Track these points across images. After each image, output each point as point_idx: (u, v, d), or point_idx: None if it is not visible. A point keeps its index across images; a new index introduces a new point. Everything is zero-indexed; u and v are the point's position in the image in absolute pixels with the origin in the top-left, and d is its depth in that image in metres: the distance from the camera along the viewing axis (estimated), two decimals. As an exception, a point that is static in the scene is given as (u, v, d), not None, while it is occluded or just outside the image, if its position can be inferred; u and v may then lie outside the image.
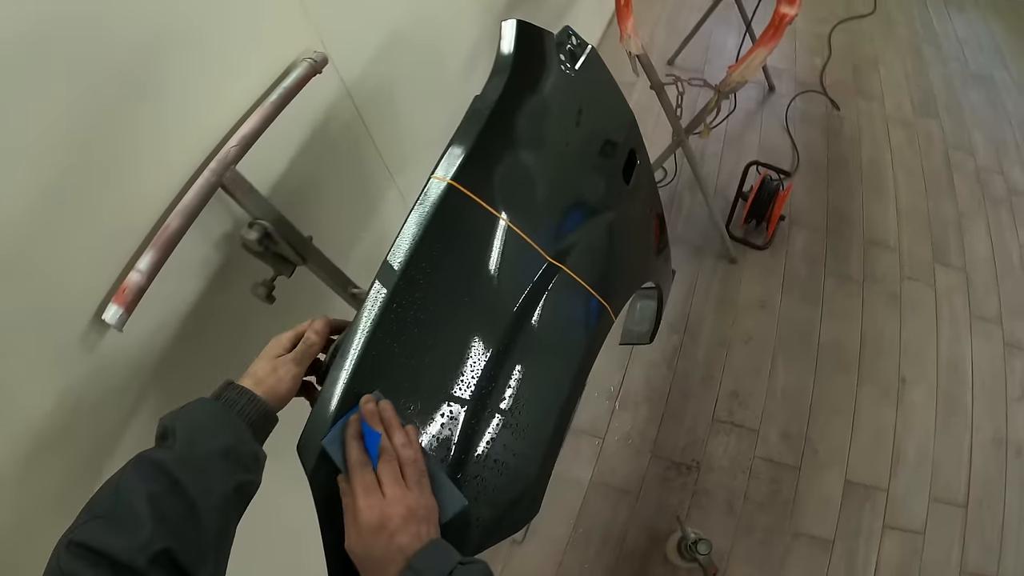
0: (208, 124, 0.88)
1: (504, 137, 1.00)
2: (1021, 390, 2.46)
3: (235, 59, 0.89)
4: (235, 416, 0.73)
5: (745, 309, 2.51)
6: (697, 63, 3.32)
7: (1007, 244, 2.84)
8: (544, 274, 0.99)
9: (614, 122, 1.25)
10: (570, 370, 1.01)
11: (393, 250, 0.84)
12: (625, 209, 1.22)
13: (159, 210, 0.83)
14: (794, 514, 2.12)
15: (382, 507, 0.68)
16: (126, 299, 0.77)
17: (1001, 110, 3.39)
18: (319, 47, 1.03)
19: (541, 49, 1.10)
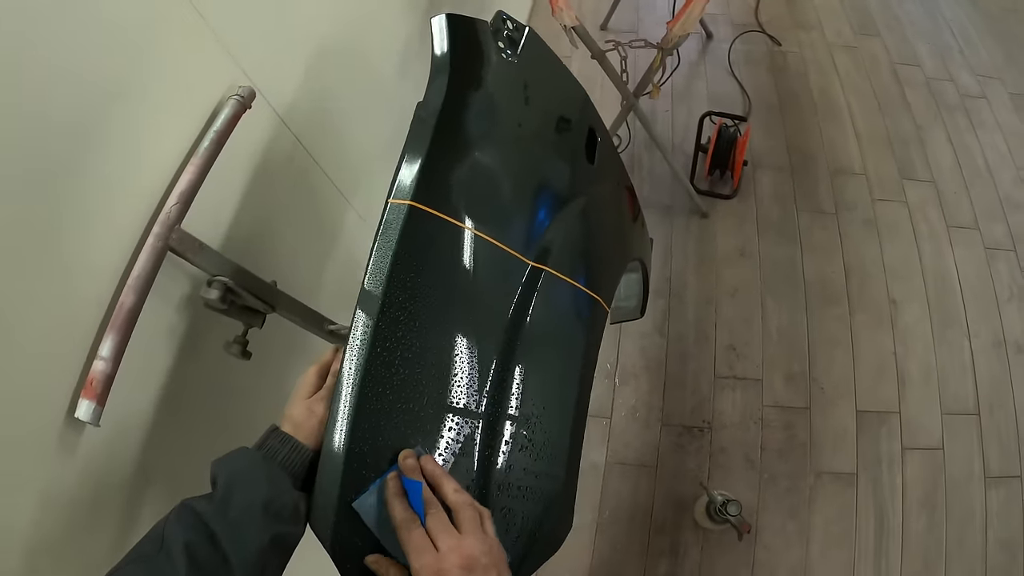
0: (142, 187, 0.82)
1: (456, 142, 0.93)
2: (1010, 290, 2.47)
3: (157, 113, 0.83)
4: (276, 467, 0.70)
5: (725, 261, 2.49)
6: (630, 24, 3.27)
7: (969, 148, 2.84)
8: (529, 279, 0.93)
9: (566, 102, 1.19)
10: (575, 375, 0.97)
11: (363, 293, 0.77)
12: (595, 191, 1.17)
13: (110, 287, 0.78)
14: (813, 455, 2.11)
15: (437, 563, 0.64)
16: (96, 391, 0.73)
17: (940, 18, 3.39)
18: (243, 81, 0.98)
19: (477, 40, 1.04)
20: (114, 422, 0.78)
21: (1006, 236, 2.61)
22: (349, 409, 0.72)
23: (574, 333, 1.01)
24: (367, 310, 0.76)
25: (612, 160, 1.29)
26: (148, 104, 0.80)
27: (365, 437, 0.72)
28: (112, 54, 0.73)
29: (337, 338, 1.16)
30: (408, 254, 0.80)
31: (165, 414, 0.91)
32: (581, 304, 1.03)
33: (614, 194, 1.29)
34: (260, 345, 0.99)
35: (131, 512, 0.88)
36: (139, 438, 0.87)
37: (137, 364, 0.80)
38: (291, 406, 0.79)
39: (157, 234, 0.80)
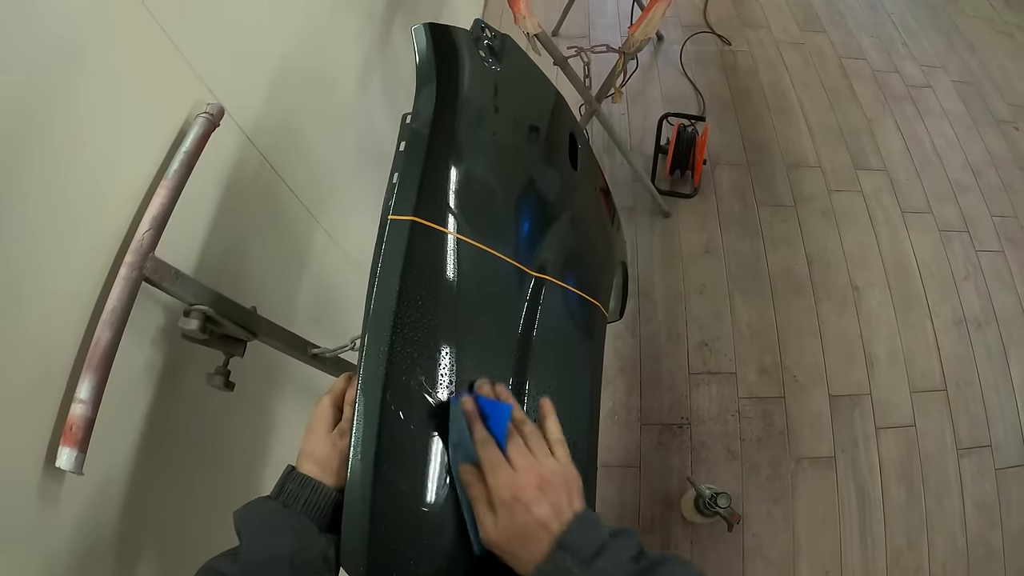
0: (111, 214, 0.78)
1: (451, 153, 0.88)
2: (965, 269, 2.55)
3: (124, 134, 0.80)
4: (298, 515, 0.67)
5: (691, 259, 2.53)
6: (581, 28, 3.32)
7: (918, 135, 2.94)
8: (534, 290, 0.91)
9: (548, 109, 1.17)
10: (586, 382, 0.97)
11: (373, 315, 0.72)
12: (580, 197, 1.16)
13: (82, 322, 0.74)
14: (792, 441, 2.15)
15: (512, 479, 0.64)
16: (76, 437, 0.68)
17: (882, 11, 3.50)
18: (209, 98, 0.95)
19: (458, 49, 1.00)
20: (98, 468, 0.75)
21: (958, 218, 2.69)
22: (370, 441, 0.67)
23: (580, 341, 0.99)
24: (379, 333, 0.71)
25: (591, 164, 1.29)
26: (114, 125, 0.78)
27: (390, 469, 0.67)
28: (72, 74, 0.69)
29: (322, 362, 1.14)
30: (414, 271, 0.76)
31: (152, 455, 0.87)
32: (584, 311, 1.02)
33: (596, 199, 1.29)
34: (243, 374, 0.97)
35: (126, 563, 0.84)
36: (126, 483, 0.84)
37: (117, 404, 0.76)
38: (310, 442, 0.75)
39: (130, 263, 0.76)
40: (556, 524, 0.62)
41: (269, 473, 1.22)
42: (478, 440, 0.67)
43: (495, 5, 3.31)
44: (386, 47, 1.79)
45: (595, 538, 0.62)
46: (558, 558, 0.60)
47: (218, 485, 1.08)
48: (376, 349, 0.70)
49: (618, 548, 0.61)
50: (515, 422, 0.71)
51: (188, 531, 0.99)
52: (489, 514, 0.64)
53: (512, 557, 0.63)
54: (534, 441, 0.69)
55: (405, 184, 0.80)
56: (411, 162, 0.82)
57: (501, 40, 1.08)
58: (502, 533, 0.63)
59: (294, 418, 1.31)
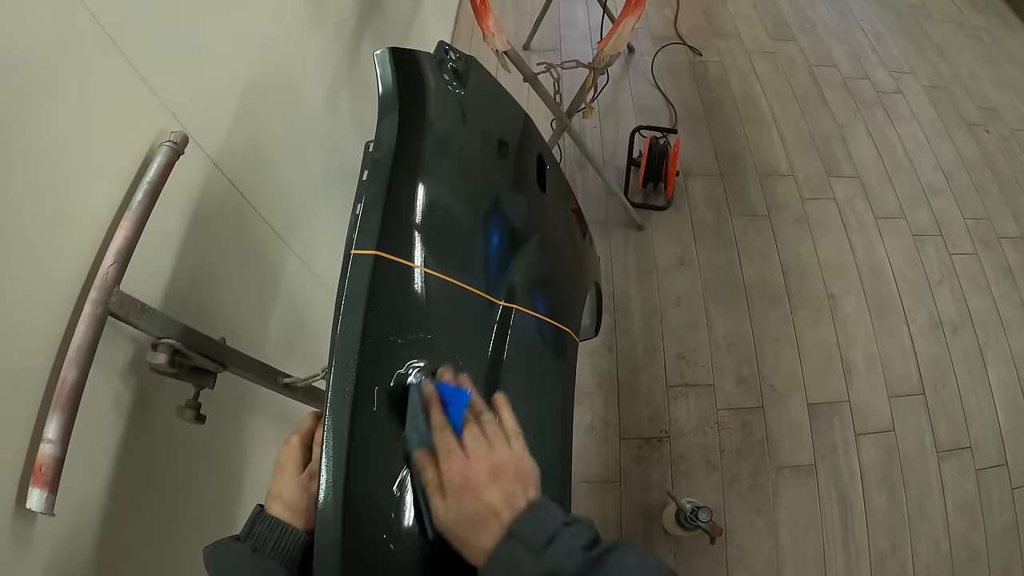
0: (74, 248, 0.77)
1: (415, 183, 0.86)
2: (940, 273, 2.57)
3: (85, 165, 0.78)
4: (267, 559, 0.66)
5: (666, 271, 2.53)
6: (552, 42, 3.33)
7: (890, 140, 2.96)
8: (501, 320, 0.90)
9: (514, 131, 1.16)
10: (557, 408, 0.96)
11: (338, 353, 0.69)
12: (549, 220, 1.15)
13: (48, 360, 0.73)
14: (771, 451, 2.15)
15: (464, 465, 0.64)
16: (46, 477, 0.67)
17: (851, 18, 3.54)
18: (174, 125, 0.94)
19: (422, 73, 0.98)
20: (70, 508, 0.74)
21: (931, 221, 2.71)
22: (339, 485, 0.64)
23: (550, 367, 0.99)
24: (343, 373, 0.69)
25: (560, 185, 1.28)
26: (77, 157, 0.76)
27: (361, 514, 0.65)
28: (34, 103, 0.68)
29: (294, 391, 1.12)
30: (378, 308, 0.74)
31: (125, 491, 0.87)
32: (553, 337, 1.01)
33: (566, 220, 1.28)
34: (214, 406, 0.96)
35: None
36: (100, 520, 0.83)
37: (86, 442, 0.75)
38: (278, 483, 0.73)
39: (95, 299, 0.75)
40: (507, 512, 0.61)
41: (246, 502, 1.21)
42: (434, 425, 0.68)
43: (465, 22, 3.32)
44: (355, 65, 1.79)
45: (547, 526, 0.61)
46: (509, 546, 0.59)
47: (195, 517, 1.07)
48: (342, 389, 0.68)
49: (571, 536, 0.60)
50: (473, 411, 0.71)
51: (167, 565, 0.98)
52: (441, 500, 0.64)
53: (463, 544, 0.63)
54: (491, 429, 0.69)
55: (368, 217, 0.78)
56: (373, 193, 0.80)
57: (466, 62, 1.07)
58: (452, 519, 0.63)
59: (269, 447, 1.27)
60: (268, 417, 1.33)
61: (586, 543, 0.60)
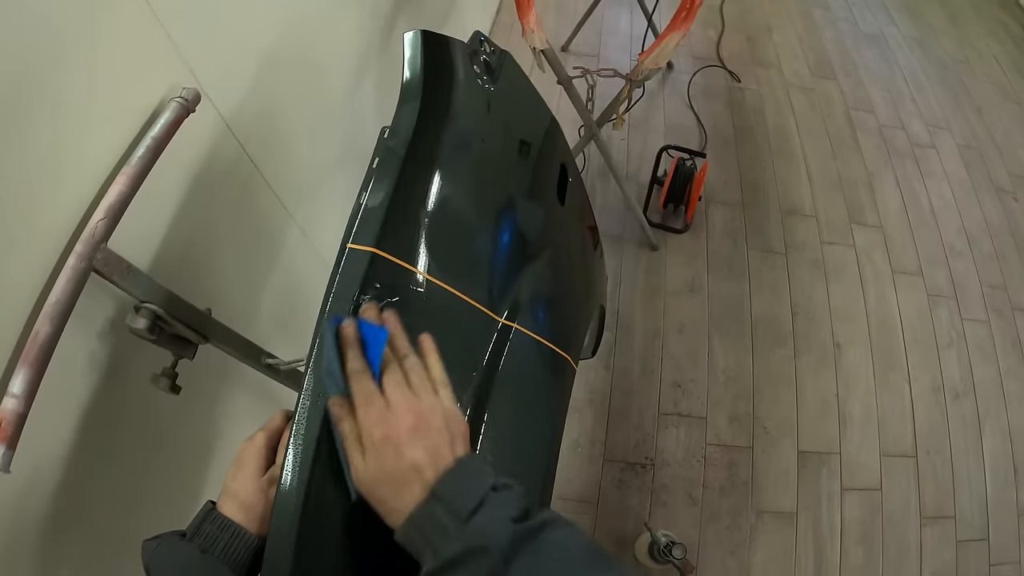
0: (64, 198, 0.72)
1: (426, 180, 0.81)
2: (949, 336, 2.52)
3: (87, 110, 0.73)
4: (215, 562, 0.62)
5: (674, 295, 2.49)
6: (591, 47, 3.28)
7: (917, 195, 2.91)
8: (499, 337, 0.84)
9: (540, 136, 1.09)
10: (548, 438, 0.91)
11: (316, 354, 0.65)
12: (564, 236, 1.09)
13: (23, 312, 0.69)
14: (755, 493, 2.11)
15: (384, 416, 0.58)
16: (6, 433, 0.63)
17: (894, 65, 3.48)
18: (189, 80, 0.89)
19: (452, 62, 0.93)
20: (27, 466, 0.71)
21: (948, 283, 2.66)
22: (299, 498, 0.60)
23: (544, 393, 0.93)
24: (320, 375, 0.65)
25: (580, 199, 1.22)
26: (77, 98, 0.71)
27: (316, 530, 0.61)
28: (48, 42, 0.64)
29: (276, 372, 1.08)
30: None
31: (85, 455, 0.82)
32: (551, 363, 0.95)
33: (581, 237, 1.22)
34: (191, 378, 0.92)
35: (48, 566, 0.80)
36: (56, 483, 0.79)
37: (53, 399, 0.71)
38: (237, 481, 0.68)
39: (80, 253, 0.70)
40: (431, 471, 0.56)
41: (210, 481, 1.17)
42: (350, 370, 0.61)
43: (506, 14, 3.27)
44: (386, 46, 1.74)
45: (475, 489, 0.55)
46: (431, 509, 0.54)
47: (154, 489, 1.03)
48: (316, 394, 0.63)
49: (501, 503, 0.55)
50: (395, 351, 0.64)
51: (120, 532, 0.94)
52: (358, 453, 0.58)
53: (382, 505, 0.57)
54: (416, 375, 0.62)
55: (371, 209, 0.73)
56: (381, 184, 0.75)
57: (499, 56, 1.02)
58: (371, 476, 0.57)
59: (243, 428, 1.23)
60: (247, 395, 1.29)
61: (516, 514, 0.55)
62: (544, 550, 0.53)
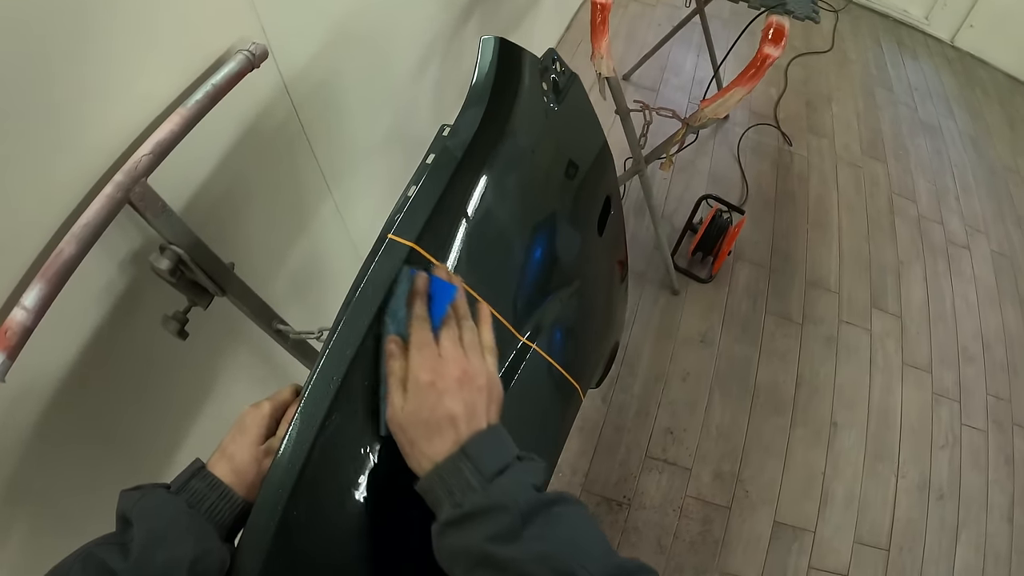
0: (115, 124, 0.73)
1: (475, 187, 0.81)
2: (946, 438, 2.52)
3: (157, 43, 0.74)
4: (201, 518, 0.62)
5: (684, 343, 2.50)
6: (652, 81, 3.30)
7: (942, 293, 2.90)
8: (517, 355, 0.85)
9: (592, 165, 1.09)
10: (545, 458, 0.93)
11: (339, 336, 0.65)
12: (595, 268, 1.10)
13: (49, 229, 0.69)
14: (723, 554, 2.10)
15: (435, 363, 0.62)
16: (9, 342, 0.63)
17: (945, 159, 3.47)
18: (259, 36, 0.90)
19: (522, 75, 0.92)
20: (21, 380, 0.71)
21: (955, 385, 2.66)
22: (291, 474, 0.61)
23: (548, 420, 0.95)
24: (337, 359, 0.65)
25: (617, 232, 1.23)
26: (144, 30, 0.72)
27: (303, 508, 0.62)
28: None
29: (284, 339, 1.09)
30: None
31: (79, 382, 0.83)
32: (561, 391, 0.96)
33: (611, 271, 1.23)
34: (199, 326, 0.93)
35: (21, 480, 0.80)
36: (46, 402, 0.79)
37: (60, 319, 0.71)
38: (234, 444, 0.69)
39: (119, 183, 0.70)
40: (465, 426, 0.60)
41: (194, 432, 1.18)
42: (415, 315, 0.65)
43: (575, 33, 3.29)
44: (453, 42, 1.76)
45: (502, 454, 0.59)
46: (458, 463, 0.57)
47: (139, 429, 1.03)
48: (329, 377, 0.64)
49: (523, 471, 0.59)
50: (456, 311, 0.68)
51: (98, 467, 0.95)
52: (400, 392, 0.62)
53: (410, 446, 0.60)
54: (469, 336, 0.67)
55: (417, 205, 0.74)
56: (432, 182, 0.76)
57: (568, 78, 1.02)
58: (408, 416, 0.61)
59: (238, 386, 1.27)
60: (248, 357, 1.30)
61: (537, 483, 0.58)
62: (557, 519, 0.56)
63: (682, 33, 3.06)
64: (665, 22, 3.51)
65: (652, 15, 3.59)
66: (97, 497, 0.91)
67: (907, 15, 4.18)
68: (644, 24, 3.53)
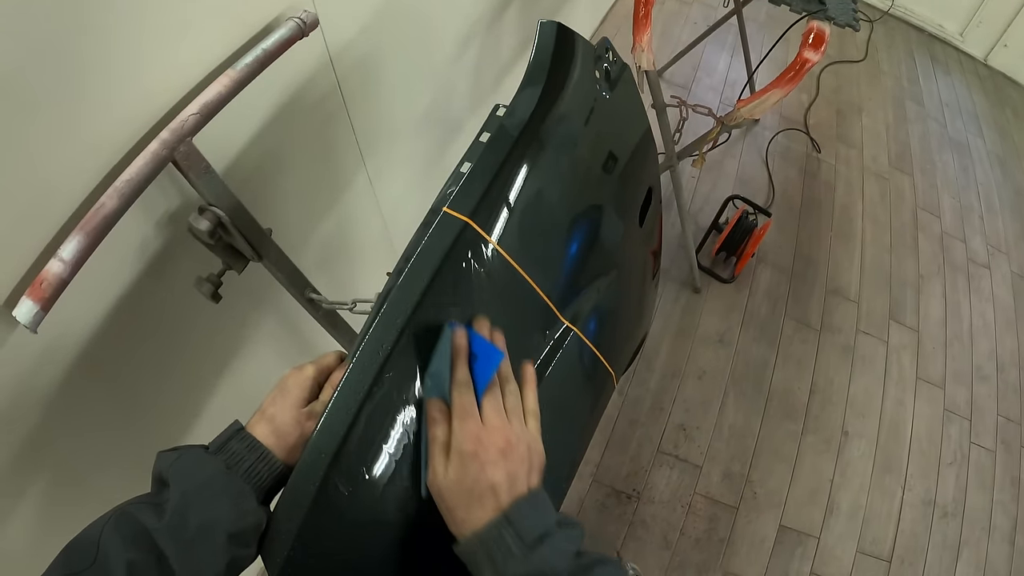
0: (164, 82, 0.73)
1: (530, 167, 0.81)
2: (954, 455, 2.52)
3: (210, 4, 0.75)
4: (239, 480, 0.61)
5: (702, 342, 2.50)
6: (685, 79, 3.29)
7: (960, 311, 2.90)
8: (558, 339, 0.86)
9: (639, 156, 1.09)
10: (574, 448, 0.93)
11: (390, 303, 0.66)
12: (633, 257, 1.11)
13: (91, 183, 0.69)
14: (727, 553, 2.12)
15: (478, 433, 0.61)
16: (44, 293, 0.63)
17: (972, 177, 3.46)
18: (309, 6, 0.90)
19: (575, 61, 0.92)
20: (53, 332, 0.71)
21: (966, 404, 2.66)
22: (335, 438, 0.61)
23: (583, 405, 0.95)
24: (388, 326, 0.65)
25: (655, 225, 1.24)
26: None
27: (345, 474, 0.62)
28: None
29: (315, 308, 1.09)
30: (448, 274, 0.70)
31: (110, 338, 0.83)
32: (597, 376, 0.96)
33: (646, 262, 1.23)
34: (232, 291, 0.93)
35: (42, 441, 0.80)
36: (72, 361, 0.79)
37: (95, 274, 0.71)
38: (275, 405, 0.68)
39: (165, 140, 0.71)
40: (507, 495, 0.60)
41: (218, 395, 1.19)
42: (457, 380, 0.64)
43: (611, 24, 3.28)
44: (494, 26, 1.76)
45: (543, 521, 0.59)
46: (501, 529, 0.58)
47: (165, 391, 1.04)
48: (378, 344, 0.65)
49: (564, 539, 0.59)
50: (500, 376, 0.68)
51: (120, 431, 0.96)
52: (442, 459, 0.62)
53: (451, 512, 0.61)
54: (512, 402, 0.66)
55: (473, 180, 0.74)
56: (488, 160, 0.76)
57: (620, 68, 1.03)
58: (450, 483, 0.60)
59: (264, 352, 1.27)
60: (276, 326, 1.31)
61: (576, 550, 0.59)
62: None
63: (717, 34, 3.06)
64: (701, 21, 3.49)
65: (688, 13, 3.57)
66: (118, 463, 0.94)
67: (942, 30, 4.15)
68: (679, 22, 3.51)
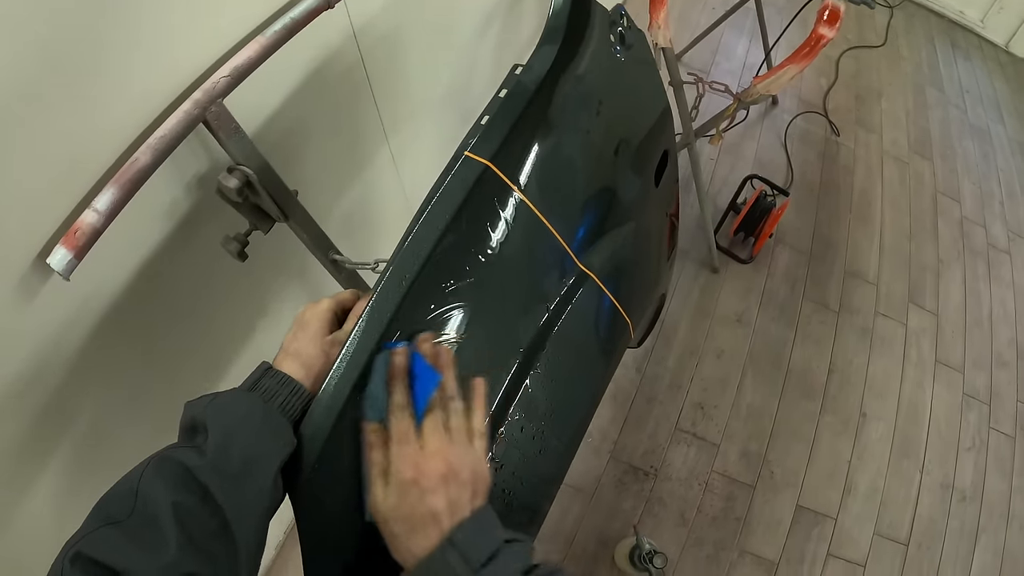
0: (198, 45, 0.74)
1: (546, 119, 0.84)
2: (972, 440, 2.50)
3: None
4: (276, 413, 0.61)
5: (721, 321, 2.49)
6: (703, 62, 3.27)
7: (980, 296, 2.88)
8: (575, 282, 0.87)
9: (652, 117, 1.12)
10: (589, 397, 0.94)
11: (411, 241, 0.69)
12: (649, 214, 1.12)
13: (126, 140, 0.70)
14: (744, 532, 2.11)
15: (416, 459, 0.59)
16: (77, 242, 0.64)
17: (992, 164, 3.43)
18: None
19: (591, 24, 0.96)
20: (84, 283, 0.72)
21: (986, 389, 2.64)
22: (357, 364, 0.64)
23: (599, 351, 0.95)
24: (411, 259, 0.68)
25: (671, 188, 1.26)
26: None
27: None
28: None
29: (338, 270, 1.10)
30: (469, 214, 0.72)
31: (139, 291, 0.84)
32: (613, 323, 0.97)
33: (663, 222, 1.25)
34: (257, 250, 0.93)
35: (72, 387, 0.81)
36: (104, 307, 0.80)
37: (126, 228, 0.72)
38: (298, 341, 0.69)
39: (197, 100, 0.72)
40: (448, 520, 0.58)
41: (245, 352, 1.21)
42: (394, 403, 0.63)
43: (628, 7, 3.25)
44: (514, 7, 1.76)
45: (489, 541, 0.58)
46: (446, 556, 0.56)
47: (190, 350, 1.06)
48: (401, 274, 0.67)
49: (511, 555, 0.57)
50: (444, 394, 0.65)
51: (142, 383, 0.97)
52: (382, 484, 0.60)
53: (394, 540, 0.59)
54: (455, 422, 0.64)
55: (493, 129, 0.77)
56: (506, 111, 0.79)
57: (634, 34, 1.06)
58: (389, 510, 0.59)
59: (286, 313, 1.28)
60: (298, 289, 1.32)
61: (524, 567, 0.57)
62: None
63: (734, 18, 3.04)
64: (719, 5, 3.46)
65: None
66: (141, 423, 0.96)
67: (963, 16, 4.12)
68: (698, 6, 3.48)
